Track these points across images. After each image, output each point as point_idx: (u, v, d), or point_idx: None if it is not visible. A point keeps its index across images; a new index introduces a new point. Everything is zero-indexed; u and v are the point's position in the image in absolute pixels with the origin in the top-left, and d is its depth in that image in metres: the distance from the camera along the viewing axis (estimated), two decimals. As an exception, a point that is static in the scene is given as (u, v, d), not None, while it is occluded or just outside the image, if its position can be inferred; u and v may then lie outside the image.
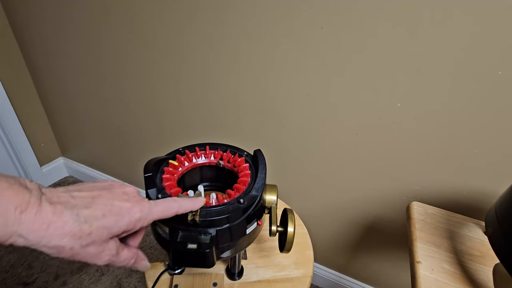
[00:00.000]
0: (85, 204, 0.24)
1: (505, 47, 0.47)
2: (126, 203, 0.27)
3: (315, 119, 0.70)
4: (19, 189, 0.22)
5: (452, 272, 0.44)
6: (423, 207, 0.57)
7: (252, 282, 0.51)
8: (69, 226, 0.23)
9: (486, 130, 0.54)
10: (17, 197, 0.21)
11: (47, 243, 0.22)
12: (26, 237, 0.21)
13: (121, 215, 0.26)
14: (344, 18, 0.56)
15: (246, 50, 0.69)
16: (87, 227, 0.23)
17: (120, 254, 0.27)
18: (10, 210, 0.21)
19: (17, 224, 0.21)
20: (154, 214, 0.29)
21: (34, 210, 0.21)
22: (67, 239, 0.23)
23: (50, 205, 0.22)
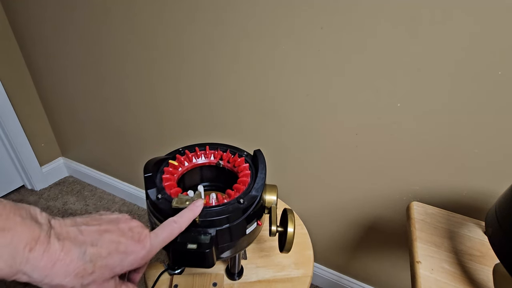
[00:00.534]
0: (92, 241, 0.24)
1: (505, 47, 0.47)
2: (132, 241, 0.26)
3: (315, 119, 0.70)
4: (31, 224, 0.21)
5: (452, 272, 0.44)
6: (423, 207, 0.57)
7: (252, 282, 0.51)
8: (74, 264, 0.22)
9: (486, 130, 0.54)
10: (28, 233, 0.21)
11: (49, 282, 0.21)
12: (30, 275, 0.21)
13: (126, 254, 0.25)
14: (344, 18, 0.56)
15: (246, 50, 0.69)
16: (91, 266, 0.23)
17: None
18: (20, 248, 0.20)
19: (24, 262, 0.20)
20: (158, 247, 0.29)
21: (42, 248, 0.21)
22: (70, 278, 0.22)
23: (59, 242, 0.22)
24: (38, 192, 1.39)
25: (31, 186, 1.39)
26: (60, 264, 0.21)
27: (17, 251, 0.20)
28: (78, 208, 1.32)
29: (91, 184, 1.45)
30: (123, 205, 1.34)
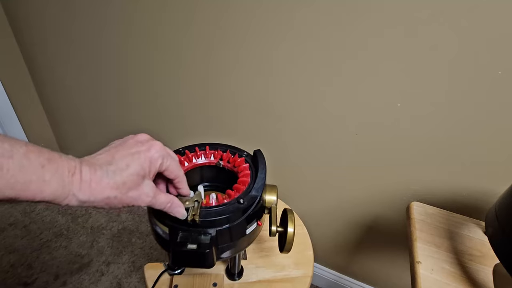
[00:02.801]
0: (108, 162, 0.29)
1: (505, 47, 0.47)
2: (141, 147, 0.31)
3: (315, 119, 0.70)
4: (67, 158, 0.26)
5: (452, 272, 0.44)
6: (423, 207, 0.57)
7: (252, 282, 0.51)
8: (105, 180, 0.27)
9: (486, 130, 0.54)
10: (68, 163, 0.26)
11: (94, 199, 0.27)
12: (77, 196, 0.26)
13: (140, 158, 0.30)
14: (344, 18, 0.56)
15: (246, 50, 0.69)
16: (119, 179, 0.28)
17: (157, 197, 0.32)
18: (65, 173, 0.25)
19: (71, 184, 0.25)
20: (169, 151, 0.34)
21: (79, 172, 0.26)
22: (108, 190, 0.27)
23: (87, 167, 0.27)
24: (38, 192, 1.39)
25: (31, 186, 1.39)
26: (95, 182, 0.27)
27: (64, 175, 0.25)
28: (77, 208, 1.32)
29: (91, 184, 1.45)
30: (123, 205, 1.34)
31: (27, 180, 0.23)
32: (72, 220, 1.25)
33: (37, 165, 0.23)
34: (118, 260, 1.09)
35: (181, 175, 0.35)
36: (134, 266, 1.07)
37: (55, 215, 1.27)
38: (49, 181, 0.24)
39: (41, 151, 0.25)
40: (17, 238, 1.16)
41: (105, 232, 1.21)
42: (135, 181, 0.29)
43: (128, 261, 1.09)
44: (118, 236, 1.19)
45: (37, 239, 1.16)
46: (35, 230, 1.19)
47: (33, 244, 1.14)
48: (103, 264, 1.08)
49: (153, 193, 0.31)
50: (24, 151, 0.23)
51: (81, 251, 1.12)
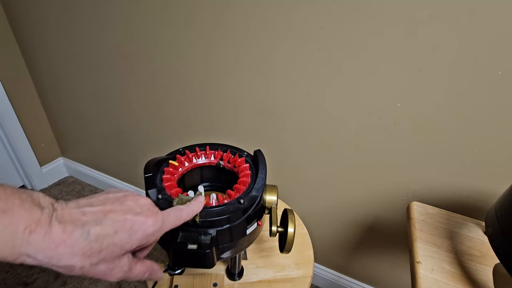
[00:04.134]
0: (96, 221, 0.24)
1: (505, 47, 0.47)
2: (140, 217, 0.26)
3: (315, 119, 0.70)
4: (31, 207, 0.21)
5: (452, 272, 0.44)
6: (423, 207, 0.57)
7: (252, 283, 0.51)
8: (79, 245, 0.22)
9: (486, 130, 0.54)
10: (28, 216, 0.21)
11: (57, 263, 0.22)
12: (35, 257, 0.21)
13: (133, 230, 0.25)
14: (344, 18, 0.56)
15: (246, 50, 0.69)
16: (97, 246, 0.23)
17: (132, 270, 0.27)
18: (19, 230, 0.20)
19: (25, 244, 0.20)
20: (167, 226, 0.28)
21: (43, 230, 0.21)
22: (77, 258, 0.22)
23: (60, 224, 0.22)
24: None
25: (31, 186, 1.39)
26: (64, 246, 0.22)
27: (17, 233, 0.20)
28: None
29: (91, 184, 1.45)
30: (123, 205, 1.34)
31: None
32: (72, 220, 1.25)
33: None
34: (118, 260, 1.09)
35: (183, 218, 0.31)
36: (134, 266, 1.07)
37: (55, 215, 1.27)
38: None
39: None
40: (17, 238, 1.16)
41: (105, 232, 1.20)
42: (114, 254, 0.24)
43: (128, 261, 1.09)
44: (118, 236, 1.19)
45: (37, 239, 1.16)
46: (35, 230, 1.19)
47: (33, 244, 1.14)
48: (103, 264, 1.08)
49: (128, 266, 0.26)
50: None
51: (81, 251, 1.12)
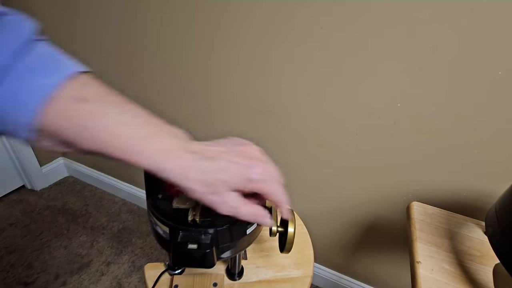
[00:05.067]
0: (211, 158, 0.28)
1: (505, 47, 0.47)
2: (244, 160, 0.29)
3: (315, 119, 0.70)
4: (171, 135, 0.27)
5: (452, 272, 0.44)
6: (423, 207, 0.57)
7: (252, 282, 0.51)
8: (198, 173, 0.27)
9: (486, 130, 0.54)
10: (170, 142, 0.26)
11: (185, 184, 0.26)
12: (169, 174, 0.26)
13: (234, 170, 0.28)
14: (344, 18, 0.56)
15: (247, 50, 0.69)
16: (208, 178, 0.27)
17: (240, 208, 0.29)
18: (164, 152, 0.26)
19: (166, 162, 0.26)
20: (275, 177, 0.31)
21: (179, 155, 0.26)
22: (197, 184, 0.27)
23: (189, 153, 0.27)
24: (38, 192, 1.39)
25: (31, 186, 1.39)
26: (190, 171, 0.26)
27: (162, 154, 0.25)
28: (78, 208, 1.32)
29: (91, 184, 1.45)
30: (123, 205, 1.34)
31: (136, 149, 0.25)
32: (72, 220, 1.25)
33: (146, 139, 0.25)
34: (118, 260, 1.09)
35: (282, 200, 0.32)
36: (134, 266, 1.07)
37: (55, 215, 1.27)
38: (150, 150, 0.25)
39: (150, 123, 0.26)
40: (17, 238, 1.16)
41: (105, 232, 1.21)
42: (220, 187, 0.28)
43: (128, 261, 1.09)
44: (118, 236, 1.19)
45: (37, 239, 1.16)
46: (35, 230, 1.19)
47: (33, 244, 1.14)
48: (103, 264, 1.08)
49: (236, 204, 0.29)
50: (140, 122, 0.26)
51: (81, 251, 1.12)
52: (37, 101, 0.20)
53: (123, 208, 1.33)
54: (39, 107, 0.20)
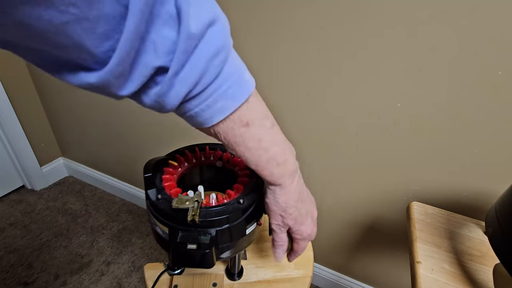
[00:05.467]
0: (301, 200, 0.36)
1: (505, 47, 0.47)
2: (309, 223, 0.39)
3: (315, 119, 0.70)
4: (293, 161, 0.33)
5: (452, 272, 0.44)
6: (423, 207, 0.57)
7: (252, 283, 0.51)
8: (293, 199, 0.34)
9: (486, 130, 0.54)
10: (293, 167, 0.33)
11: (286, 199, 0.34)
12: (280, 183, 0.33)
13: (301, 222, 0.37)
14: (344, 18, 0.56)
15: (246, 50, 0.69)
16: (295, 210, 0.35)
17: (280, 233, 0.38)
18: (287, 171, 0.32)
19: (285, 183, 0.33)
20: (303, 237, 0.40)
21: (293, 178, 0.33)
22: (291, 204, 0.35)
23: (295, 181, 0.34)
24: (38, 192, 1.39)
25: (31, 186, 1.39)
26: (290, 191, 0.33)
27: (286, 176, 0.32)
28: (78, 208, 1.32)
29: (91, 184, 1.45)
30: (123, 205, 1.34)
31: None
32: (72, 220, 1.25)
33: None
34: (118, 260, 1.09)
35: (299, 252, 0.44)
36: (134, 266, 1.07)
37: (55, 215, 1.27)
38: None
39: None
40: (17, 238, 1.16)
41: (105, 232, 1.21)
42: (292, 220, 0.37)
43: (128, 261, 1.09)
44: (118, 236, 1.19)
45: (37, 239, 1.16)
46: (35, 230, 1.20)
47: (33, 244, 1.14)
48: (103, 264, 1.08)
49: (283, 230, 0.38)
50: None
51: (81, 251, 1.12)
52: (217, 118, 0.25)
53: (122, 208, 1.33)
54: (216, 122, 0.25)
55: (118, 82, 0.20)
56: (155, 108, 0.25)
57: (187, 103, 0.24)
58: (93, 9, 0.16)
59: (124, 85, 0.21)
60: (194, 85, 0.22)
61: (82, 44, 0.17)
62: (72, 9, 0.15)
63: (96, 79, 0.19)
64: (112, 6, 0.16)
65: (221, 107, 0.24)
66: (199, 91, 0.23)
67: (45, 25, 0.15)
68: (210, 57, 0.22)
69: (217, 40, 0.22)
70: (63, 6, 0.15)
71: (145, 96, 0.23)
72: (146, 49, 0.19)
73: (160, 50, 0.19)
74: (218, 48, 0.22)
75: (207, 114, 0.24)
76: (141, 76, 0.20)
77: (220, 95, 0.24)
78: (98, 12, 0.16)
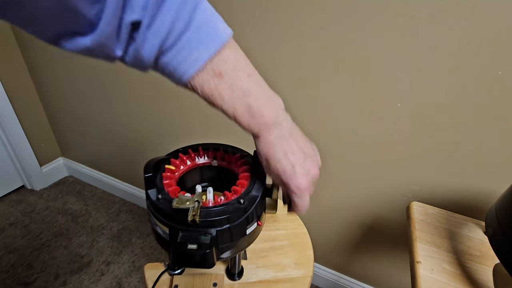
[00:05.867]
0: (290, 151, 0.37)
1: (505, 47, 0.47)
2: (306, 179, 0.39)
3: (315, 119, 0.70)
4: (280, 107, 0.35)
5: (452, 272, 0.44)
6: (423, 207, 0.57)
7: (252, 283, 0.51)
8: (279, 145, 0.34)
9: (486, 130, 0.54)
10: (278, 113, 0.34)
11: (273, 153, 0.35)
12: (265, 139, 0.34)
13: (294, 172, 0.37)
14: (344, 18, 0.56)
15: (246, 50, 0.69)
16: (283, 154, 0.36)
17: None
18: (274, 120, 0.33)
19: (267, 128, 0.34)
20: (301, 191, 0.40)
21: (280, 123, 0.35)
22: (270, 152, 0.35)
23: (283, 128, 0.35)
24: (38, 192, 1.39)
25: (31, 186, 1.39)
26: (270, 142, 0.34)
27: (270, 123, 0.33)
28: (78, 208, 1.32)
29: (91, 184, 1.45)
30: (123, 205, 1.34)
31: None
32: (72, 220, 1.25)
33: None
34: (118, 260, 1.09)
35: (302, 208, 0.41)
36: (134, 266, 1.07)
37: (55, 215, 1.27)
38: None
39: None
40: (17, 238, 1.16)
41: (105, 232, 1.21)
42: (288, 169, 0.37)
43: (128, 261, 1.09)
44: (118, 236, 1.19)
45: (37, 239, 1.16)
46: (35, 230, 1.20)
47: (33, 244, 1.14)
48: (103, 264, 1.08)
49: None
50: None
51: (81, 251, 1.12)
52: (192, 70, 0.25)
53: (122, 208, 1.33)
54: (191, 74, 0.25)
55: (110, 42, 0.22)
56: (136, 65, 0.25)
57: (163, 57, 0.24)
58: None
59: (115, 45, 0.23)
60: (166, 35, 0.23)
61: (76, 8, 0.19)
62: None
63: (90, 41, 0.21)
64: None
65: (194, 58, 0.25)
66: (172, 42, 0.23)
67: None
68: (179, 5, 0.22)
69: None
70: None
71: (126, 54, 0.24)
72: (127, 7, 0.21)
73: (135, 5, 0.21)
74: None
75: (183, 67, 0.25)
76: (126, 34, 0.22)
77: (193, 46, 0.24)
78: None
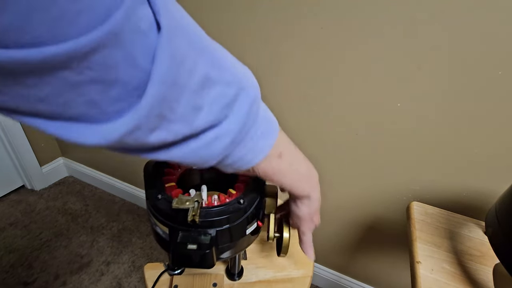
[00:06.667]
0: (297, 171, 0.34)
1: (505, 47, 0.47)
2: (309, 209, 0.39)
3: (315, 119, 0.70)
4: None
5: (452, 272, 0.44)
6: (423, 207, 0.57)
7: (252, 283, 0.51)
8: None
9: (486, 130, 0.54)
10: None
11: (279, 179, 0.31)
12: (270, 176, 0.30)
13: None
14: (344, 18, 0.56)
15: (246, 50, 0.69)
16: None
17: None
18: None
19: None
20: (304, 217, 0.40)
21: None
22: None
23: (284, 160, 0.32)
24: (38, 192, 1.39)
25: (31, 186, 1.39)
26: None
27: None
28: (78, 208, 1.32)
29: (91, 184, 1.45)
30: (123, 205, 1.34)
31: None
32: (72, 220, 1.25)
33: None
34: (118, 260, 1.09)
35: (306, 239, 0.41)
36: (134, 266, 1.07)
37: (55, 215, 1.27)
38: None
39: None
40: (17, 238, 1.16)
41: (105, 232, 1.21)
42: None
43: (128, 261, 1.09)
44: (118, 236, 1.19)
45: (37, 239, 1.16)
46: (35, 230, 1.20)
47: (33, 244, 1.14)
48: (103, 264, 1.08)
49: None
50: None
51: (81, 251, 1.12)
52: (258, 158, 0.26)
53: (123, 208, 1.33)
54: (259, 161, 0.27)
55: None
56: (197, 164, 0.24)
57: (233, 151, 0.25)
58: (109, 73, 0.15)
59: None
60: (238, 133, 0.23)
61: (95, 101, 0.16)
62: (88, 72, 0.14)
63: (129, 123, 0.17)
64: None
65: (261, 148, 0.26)
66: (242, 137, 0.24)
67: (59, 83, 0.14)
68: (250, 104, 0.24)
69: (254, 87, 0.25)
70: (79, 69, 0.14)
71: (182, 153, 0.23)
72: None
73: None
74: (255, 94, 0.24)
75: (248, 157, 0.26)
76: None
77: (259, 137, 0.25)
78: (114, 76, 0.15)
